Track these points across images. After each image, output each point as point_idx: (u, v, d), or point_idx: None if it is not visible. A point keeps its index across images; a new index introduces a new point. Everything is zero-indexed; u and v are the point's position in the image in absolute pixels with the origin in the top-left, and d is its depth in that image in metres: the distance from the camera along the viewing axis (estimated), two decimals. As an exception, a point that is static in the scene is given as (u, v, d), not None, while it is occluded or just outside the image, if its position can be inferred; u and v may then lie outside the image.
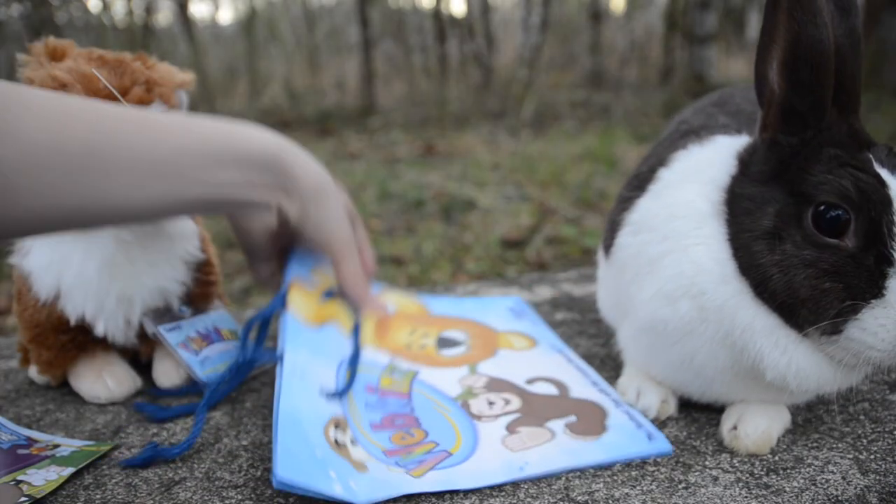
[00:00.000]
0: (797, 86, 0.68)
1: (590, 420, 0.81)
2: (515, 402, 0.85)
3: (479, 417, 0.82)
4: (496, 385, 0.90)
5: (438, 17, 8.41)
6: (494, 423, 0.80)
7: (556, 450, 0.75)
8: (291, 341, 0.75)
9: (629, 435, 0.78)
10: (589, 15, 8.88)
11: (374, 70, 7.64)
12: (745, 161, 0.75)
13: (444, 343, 1.02)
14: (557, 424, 0.80)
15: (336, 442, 0.68)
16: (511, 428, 0.79)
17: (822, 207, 0.66)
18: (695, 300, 0.73)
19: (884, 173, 0.66)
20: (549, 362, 0.96)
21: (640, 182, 0.86)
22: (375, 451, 0.72)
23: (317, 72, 8.36)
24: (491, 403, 0.85)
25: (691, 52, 7.44)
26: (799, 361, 0.69)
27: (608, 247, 0.89)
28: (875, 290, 0.64)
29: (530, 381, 0.90)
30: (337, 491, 0.62)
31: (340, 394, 0.76)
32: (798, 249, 0.67)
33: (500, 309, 1.15)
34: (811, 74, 0.66)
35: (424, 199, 3.45)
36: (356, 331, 0.84)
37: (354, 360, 0.81)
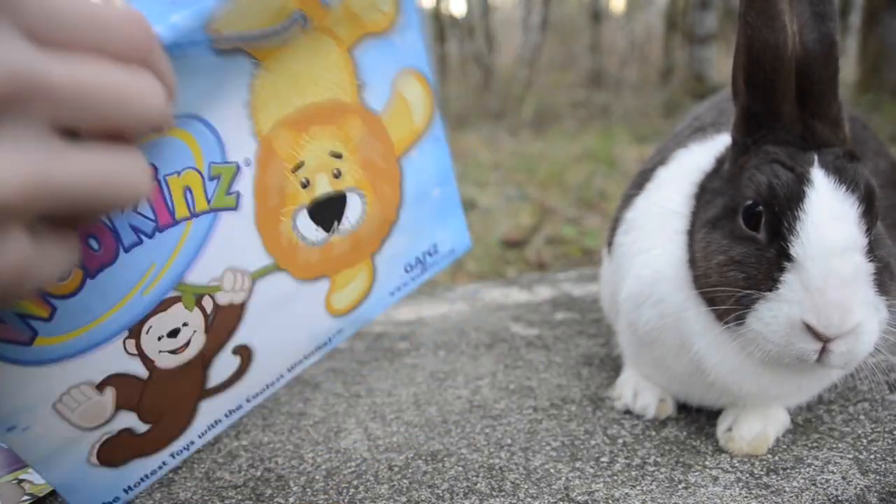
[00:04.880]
0: (753, 88, 0.69)
1: None
2: None
3: None
4: None
5: (438, 17, 8.41)
6: None
7: None
8: None
9: None
10: (589, 15, 8.88)
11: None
12: (721, 160, 0.77)
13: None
14: None
15: None
16: None
17: (749, 202, 0.67)
18: (655, 307, 0.76)
19: (819, 173, 0.65)
20: None
21: (641, 180, 0.88)
22: None
23: (317, 72, 8.35)
24: None
25: (691, 52, 7.43)
26: (732, 361, 0.70)
27: (609, 244, 0.90)
28: (771, 283, 0.64)
29: None
30: None
31: None
32: (722, 238, 0.68)
33: None
34: (765, 78, 0.67)
35: (424, 199, 3.44)
36: None
37: None
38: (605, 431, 0.81)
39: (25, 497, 0.68)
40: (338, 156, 0.72)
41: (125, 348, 0.62)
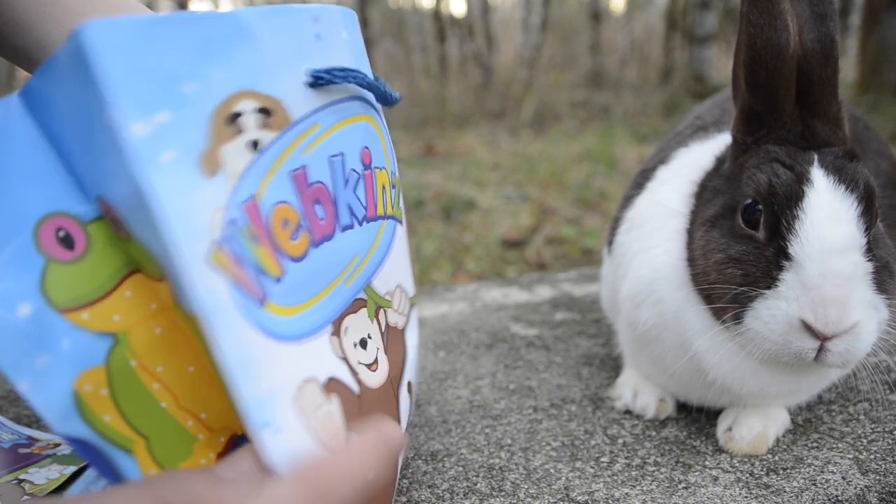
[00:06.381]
0: (754, 87, 0.69)
1: None
2: None
3: None
4: None
5: (438, 17, 8.41)
6: None
7: None
8: None
9: None
10: (589, 15, 8.89)
11: (373, 70, 7.63)
12: (721, 158, 0.77)
13: None
14: None
15: None
16: None
17: (749, 200, 0.67)
18: (655, 307, 0.76)
19: (818, 173, 0.66)
20: None
21: (642, 179, 0.88)
22: None
23: (317, 72, 8.34)
24: None
25: (691, 52, 7.44)
26: (731, 360, 0.70)
27: (610, 244, 0.90)
28: (769, 281, 0.64)
29: None
30: None
31: None
32: (720, 236, 0.69)
33: None
34: (766, 76, 0.67)
35: (424, 199, 3.44)
36: None
37: None
38: (605, 431, 0.81)
39: (25, 497, 0.68)
40: None
41: (332, 345, 0.55)
